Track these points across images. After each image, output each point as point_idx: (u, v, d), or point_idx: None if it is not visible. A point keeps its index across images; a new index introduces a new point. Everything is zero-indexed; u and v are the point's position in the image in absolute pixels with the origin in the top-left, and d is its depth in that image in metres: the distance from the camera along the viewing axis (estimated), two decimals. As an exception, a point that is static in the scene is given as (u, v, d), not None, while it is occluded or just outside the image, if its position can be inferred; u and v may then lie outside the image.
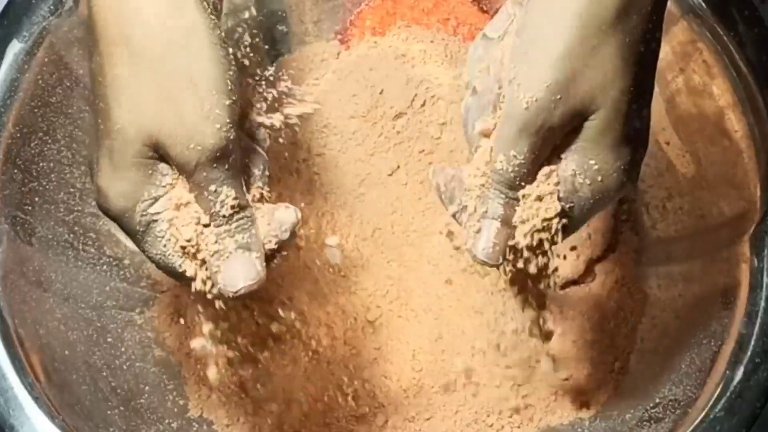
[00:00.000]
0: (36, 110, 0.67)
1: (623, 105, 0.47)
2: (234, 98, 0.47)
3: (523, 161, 0.47)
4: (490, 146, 0.49)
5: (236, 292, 0.49)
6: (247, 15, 0.77)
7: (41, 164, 0.68)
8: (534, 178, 0.49)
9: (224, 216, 0.48)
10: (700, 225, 0.70)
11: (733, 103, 0.66)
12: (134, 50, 0.46)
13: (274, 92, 0.56)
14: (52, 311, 0.67)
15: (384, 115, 0.75)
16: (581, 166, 0.48)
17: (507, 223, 0.49)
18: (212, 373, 0.63)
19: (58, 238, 0.69)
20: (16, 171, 0.66)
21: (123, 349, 0.70)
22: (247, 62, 0.57)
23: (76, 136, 0.71)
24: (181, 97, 0.46)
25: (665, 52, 0.71)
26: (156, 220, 0.49)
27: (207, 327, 0.58)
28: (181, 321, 0.73)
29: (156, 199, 0.48)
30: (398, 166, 0.76)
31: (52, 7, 0.67)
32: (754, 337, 0.62)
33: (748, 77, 0.66)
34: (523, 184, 0.49)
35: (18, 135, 0.66)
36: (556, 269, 0.55)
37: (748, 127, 0.66)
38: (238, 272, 0.49)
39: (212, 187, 0.47)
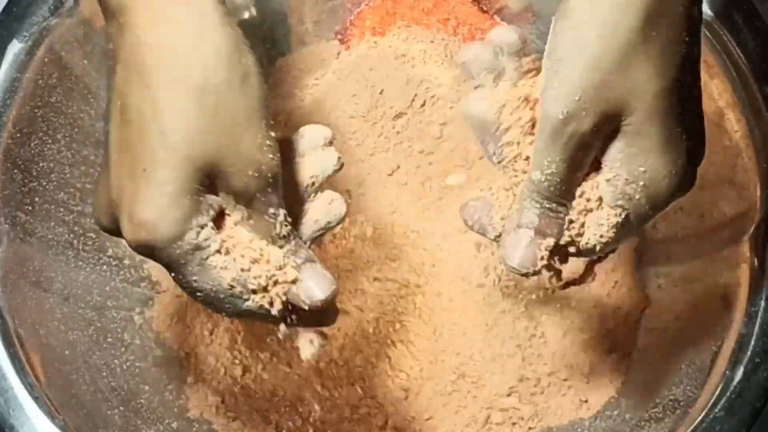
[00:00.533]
0: (36, 110, 0.67)
1: (660, 106, 0.46)
2: (269, 121, 0.48)
3: (555, 170, 0.48)
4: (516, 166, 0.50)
5: (320, 302, 0.50)
6: (246, 15, 0.77)
7: (41, 164, 0.68)
8: (572, 192, 0.49)
9: (285, 236, 0.50)
10: (700, 225, 0.70)
11: (732, 103, 0.66)
12: (195, 85, 0.46)
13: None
14: (52, 311, 0.67)
15: (384, 115, 0.75)
16: (632, 173, 0.48)
17: (541, 232, 0.49)
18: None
19: (58, 238, 0.69)
20: (16, 171, 0.66)
21: (123, 349, 0.71)
22: None
23: (76, 136, 0.71)
24: (239, 131, 0.47)
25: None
26: (203, 249, 0.49)
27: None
28: (181, 321, 0.73)
29: (202, 228, 0.49)
30: (398, 166, 0.76)
31: (52, 7, 0.67)
32: (754, 337, 0.62)
33: (748, 77, 0.66)
34: (559, 196, 0.49)
35: (18, 135, 0.66)
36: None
37: (747, 127, 0.66)
38: (315, 284, 0.50)
39: (271, 210, 0.49)
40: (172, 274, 0.51)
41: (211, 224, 0.48)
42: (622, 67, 0.46)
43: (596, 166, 0.49)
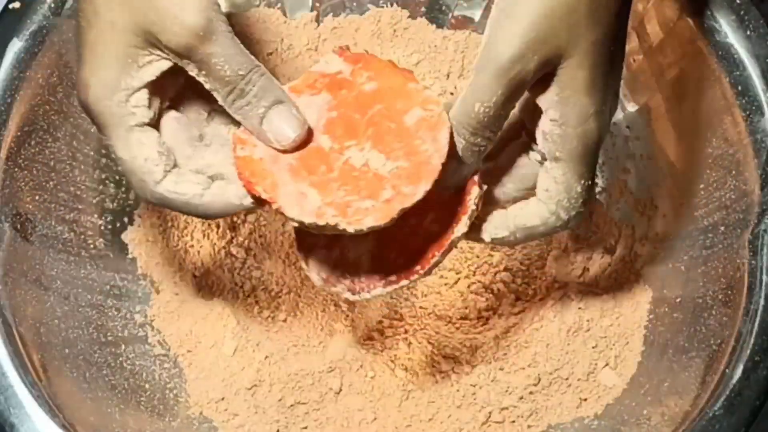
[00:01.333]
0: (36, 109, 0.67)
1: (592, 54, 0.51)
2: None
3: (494, 104, 0.51)
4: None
5: (291, 143, 0.52)
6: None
7: (41, 163, 0.68)
8: (500, 126, 0.52)
9: (239, 79, 0.51)
10: (700, 224, 0.70)
11: (733, 103, 0.66)
12: None
13: None
14: (52, 309, 0.67)
15: None
16: (563, 115, 0.52)
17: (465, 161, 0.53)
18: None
19: (59, 237, 0.69)
20: (16, 170, 0.66)
21: (123, 348, 0.71)
22: None
23: (77, 135, 0.71)
24: None
25: (666, 51, 0.71)
26: (130, 115, 0.52)
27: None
28: (181, 319, 0.73)
29: (134, 91, 0.52)
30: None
31: (52, 7, 0.67)
32: (753, 336, 0.62)
33: (748, 77, 0.66)
34: (488, 129, 0.52)
35: (18, 134, 0.66)
36: None
37: (748, 127, 0.66)
38: (282, 125, 0.52)
39: (215, 60, 0.51)
40: (104, 138, 0.54)
41: (146, 94, 0.52)
42: (569, 18, 0.50)
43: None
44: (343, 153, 0.52)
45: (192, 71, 0.52)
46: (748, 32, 0.66)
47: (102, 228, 0.73)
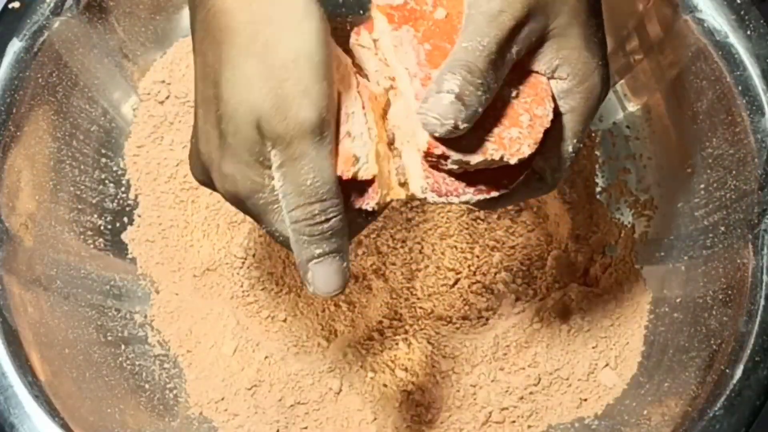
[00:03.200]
0: (36, 109, 0.67)
1: (580, 9, 0.51)
2: (330, 84, 0.48)
3: (486, 45, 0.49)
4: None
5: (324, 295, 0.50)
6: None
7: (41, 163, 0.68)
8: (495, 79, 0.50)
9: (312, 196, 0.49)
10: (700, 224, 0.70)
11: (733, 103, 0.66)
12: (243, 36, 0.47)
13: None
14: (52, 309, 0.67)
15: None
16: (569, 74, 0.51)
17: (461, 100, 0.49)
18: None
19: (58, 237, 0.69)
20: (16, 169, 0.66)
21: (123, 348, 0.71)
22: None
23: (77, 135, 0.71)
24: (283, 75, 0.47)
25: (666, 51, 0.71)
26: (275, 202, 0.50)
27: None
28: (181, 319, 0.73)
29: (269, 183, 0.49)
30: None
31: (52, 7, 0.67)
32: (753, 336, 0.62)
33: (748, 77, 0.66)
34: (484, 72, 0.50)
35: (18, 133, 0.66)
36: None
37: (748, 127, 0.66)
38: (329, 279, 0.50)
39: (304, 163, 0.48)
40: (262, 223, 0.51)
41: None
42: None
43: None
44: None
45: (274, 163, 0.48)
46: (749, 32, 0.66)
47: (102, 228, 0.73)
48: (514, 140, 0.51)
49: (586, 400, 0.71)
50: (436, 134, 0.49)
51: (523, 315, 0.73)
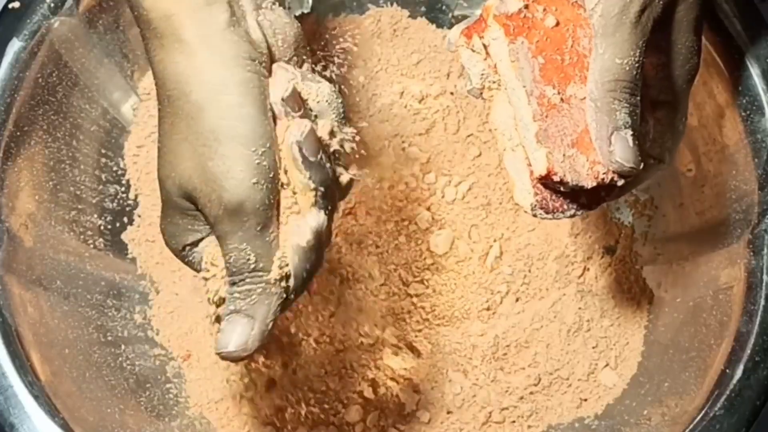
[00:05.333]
0: (36, 109, 0.67)
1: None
2: (264, 157, 0.48)
3: (638, 56, 0.50)
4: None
5: (222, 354, 0.50)
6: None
7: (41, 163, 0.68)
8: (641, 78, 0.51)
9: (234, 272, 0.49)
10: (700, 224, 0.70)
11: (733, 103, 0.66)
12: (174, 110, 0.48)
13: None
14: (52, 310, 0.67)
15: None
16: (672, 56, 0.53)
17: (635, 129, 0.51)
18: None
19: (58, 237, 0.69)
20: (16, 170, 0.66)
21: (123, 348, 0.71)
22: None
23: (77, 135, 0.71)
24: (206, 153, 0.47)
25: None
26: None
27: None
28: (181, 320, 0.73)
29: (196, 243, 0.52)
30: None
31: (52, 7, 0.67)
32: (753, 336, 0.62)
33: (748, 77, 0.66)
34: (636, 85, 0.50)
35: (18, 133, 0.66)
36: None
37: (748, 127, 0.66)
38: (231, 337, 0.50)
39: (230, 242, 0.49)
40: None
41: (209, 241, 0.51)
42: None
43: None
44: (570, 102, 0.52)
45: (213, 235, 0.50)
46: (749, 32, 0.66)
47: (102, 228, 0.73)
48: None
49: (586, 400, 0.72)
50: (623, 173, 0.50)
51: (523, 315, 0.73)
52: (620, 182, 0.51)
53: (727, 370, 0.62)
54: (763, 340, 0.62)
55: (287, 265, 0.50)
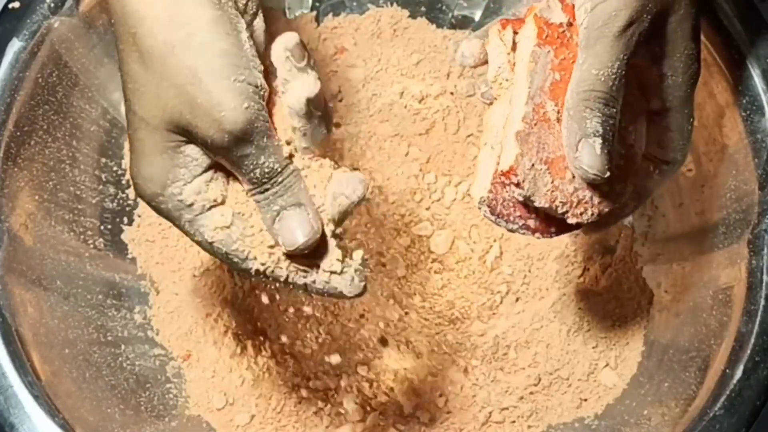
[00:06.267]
0: (36, 109, 0.67)
1: (692, 4, 0.53)
2: (249, 83, 0.49)
3: (617, 69, 0.50)
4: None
5: (296, 248, 0.51)
6: None
7: (41, 163, 0.68)
8: (621, 96, 0.51)
9: (265, 181, 0.50)
10: (700, 224, 0.70)
11: (733, 103, 0.66)
12: (142, 49, 0.49)
13: None
14: (52, 309, 0.67)
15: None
16: (672, 66, 0.53)
17: (606, 140, 0.51)
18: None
19: (58, 237, 0.69)
20: (16, 170, 0.66)
21: (123, 348, 0.71)
22: None
23: (77, 135, 0.71)
24: (191, 90, 0.48)
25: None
26: (190, 206, 0.51)
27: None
28: (181, 319, 0.73)
29: (186, 183, 0.51)
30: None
31: (52, 7, 0.67)
32: (753, 336, 0.62)
33: (748, 77, 0.66)
34: (614, 98, 0.51)
35: (18, 133, 0.66)
36: None
37: (748, 127, 0.66)
38: (294, 228, 0.50)
39: (248, 161, 0.50)
40: (178, 227, 0.53)
41: (198, 182, 0.51)
42: None
43: None
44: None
45: (225, 164, 0.51)
46: (749, 32, 0.66)
47: (102, 228, 0.73)
48: (582, 203, 0.52)
49: (586, 400, 0.72)
50: (586, 179, 0.51)
51: (523, 315, 0.73)
52: (571, 220, 0.52)
53: (727, 370, 0.62)
54: (763, 340, 0.62)
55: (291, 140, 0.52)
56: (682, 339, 0.69)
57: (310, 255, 0.52)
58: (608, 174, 0.50)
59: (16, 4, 0.67)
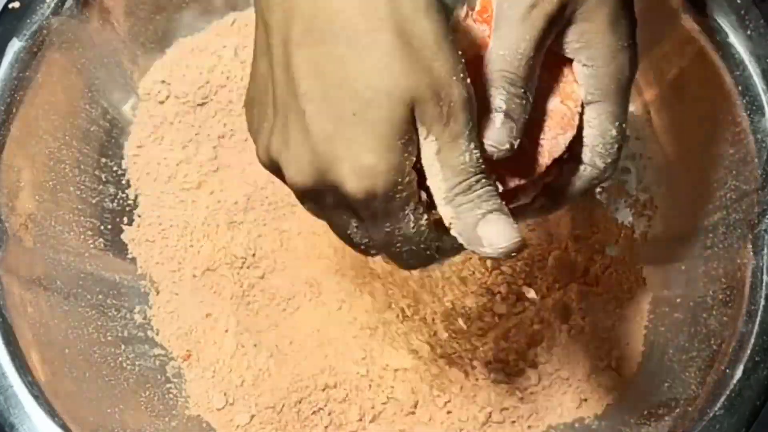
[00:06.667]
0: (36, 108, 0.67)
1: None
2: (452, 55, 0.46)
3: (524, 49, 0.49)
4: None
5: (503, 251, 0.48)
6: None
7: (41, 163, 0.68)
8: (534, 79, 0.50)
9: (472, 171, 0.47)
10: (700, 224, 0.70)
11: (733, 103, 0.66)
12: (386, 20, 0.45)
13: None
14: (52, 309, 0.67)
15: None
16: (590, 57, 0.51)
17: (509, 116, 0.49)
18: None
19: (58, 237, 0.69)
20: (16, 169, 0.66)
21: (123, 348, 0.71)
22: None
23: (77, 135, 0.71)
24: (431, 55, 0.45)
25: (665, 50, 0.71)
26: (414, 193, 0.47)
27: None
28: (181, 319, 0.73)
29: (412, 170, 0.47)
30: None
31: (52, 7, 0.67)
32: (753, 336, 0.62)
33: (748, 76, 0.66)
34: (524, 78, 0.50)
35: (18, 133, 0.66)
36: None
37: (748, 127, 0.66)
38: (501, 232, 0.48)
39: (461, 141, 0.47)
40: (383, 225, 0.48)
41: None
42: None
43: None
44: None
45: (429, 143, 0.47)
46: (749, 32, 0.66)
47: (102, 228, 0.73)
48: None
49: (586, 400, 0.71)
50: (495, 158, 0.49)
51: (523, 315, 0.73)
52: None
53: (727, 370, 0.62)
54: (763, 340, 0.62)
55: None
56: (682, 339, 0.69)
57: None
58: (506, 147, 0.49)
59: (16, 4, 0.67)
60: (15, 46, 0.66)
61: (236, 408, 0.71)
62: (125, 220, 0.74)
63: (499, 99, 0.49)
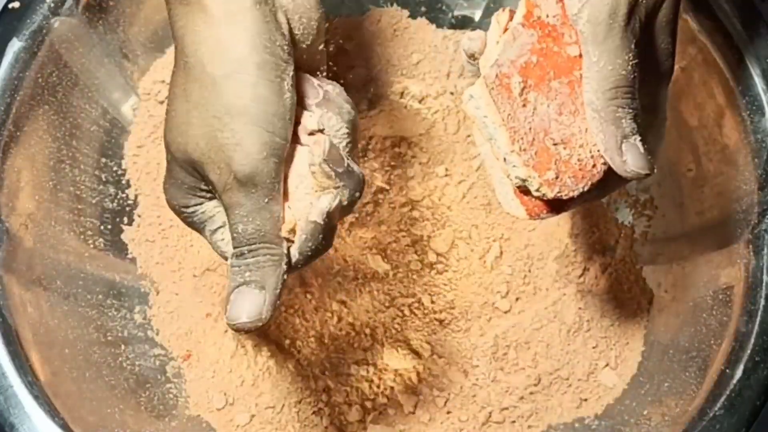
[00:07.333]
0: (36, 109, 0.67)
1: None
2: (276, 136, 0.49)
3: (633, 60, 0.49)
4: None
5: (235, 326, 0.51)
6: None
7: (41, 163, 0.68)
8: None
9: (244, 244, 0.50)
10: (700, 224, 0.70)
11: (733, 103, 0.66)
12: (188, 77, 0.50)
13: None
14: (52, 310, 0.67)
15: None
16: (653, 55, 0.52)
17: (642, 135, 0.50)
18: None
19: (58, 237, 0.69)
20: (16, 169, 0.66)
21: (123, 348, 0.71)
22: None
23: (77, 135, 0.71)
24: (217, 124, 0.48)
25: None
26: (207, 222, 0.53)
27: None
28: (181, 319, 0.73)
29: (200, 206, 0.53)
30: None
31: (51, 7, 0.67)
32: (753, 336, 0.62)
33: (748, 77, 0.66)
34: (637, 88, 0.50)
35: (18, 133, 0.66)
36: None
37: (748, 127, 0.66)
38: (243, 307, 0.50)
39: (238, 212, 0.50)
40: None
41: (213, 204, 0.52)
42: None
43: None
44: (527, 105, 0.51)
45: (222, 206, 0.52)
46: (749, 32, 0.66)
47: (102, 228, 0.73)
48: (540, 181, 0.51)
49: (586, 400, 0.72)
50: (638, 179, 0.50)
51: (523, 315, 0.73)
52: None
53: (727, 370, 0.62)
54: (763, 340, 0.62)
55: (294, 235, 0.51)
56: (682, 339, 0.69)
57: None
58: (648, 171, 0.50)
59: (16, 4, 0.67)
60: (15, 46, 0.66)
61: (236, 408, 0.71)
62: (125, 220, 0.74)
63: (629, 120, 0.49)
